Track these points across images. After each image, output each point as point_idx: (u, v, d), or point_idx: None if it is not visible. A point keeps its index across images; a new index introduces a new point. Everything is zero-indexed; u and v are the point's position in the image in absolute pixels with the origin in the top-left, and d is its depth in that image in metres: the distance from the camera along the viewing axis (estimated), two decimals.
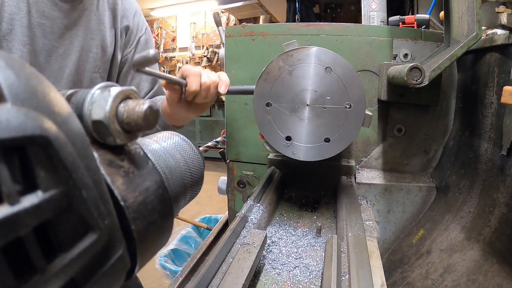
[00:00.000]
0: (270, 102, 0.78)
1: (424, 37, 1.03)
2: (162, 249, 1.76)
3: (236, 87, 0.88)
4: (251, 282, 0.60)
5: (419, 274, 0.91)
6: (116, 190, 0.24)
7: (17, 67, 0.19)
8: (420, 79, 0.81)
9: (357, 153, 1.11)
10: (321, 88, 0.76)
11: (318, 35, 1.05)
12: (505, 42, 0.83)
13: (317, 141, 0.78)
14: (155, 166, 0.30)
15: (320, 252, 0.71)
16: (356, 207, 0.81)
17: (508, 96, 0.67)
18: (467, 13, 0.80)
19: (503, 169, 0.80)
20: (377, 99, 1.06)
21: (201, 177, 0.37)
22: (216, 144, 0.82)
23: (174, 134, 0.36)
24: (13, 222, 0.16)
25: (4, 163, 0.16)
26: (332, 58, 0.75)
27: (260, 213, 0.81)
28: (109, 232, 0.22)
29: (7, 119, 0.16)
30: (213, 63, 5.57)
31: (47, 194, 0.18)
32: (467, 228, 0.88)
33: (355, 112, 0.76)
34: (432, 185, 1.05)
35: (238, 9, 4.05)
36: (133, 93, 0.27)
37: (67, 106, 0.22)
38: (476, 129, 0.95)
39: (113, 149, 0.26)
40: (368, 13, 1.36)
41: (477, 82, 0.96)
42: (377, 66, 1.04)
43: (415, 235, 1.03)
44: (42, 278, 0.17)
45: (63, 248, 0.19)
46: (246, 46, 1.10)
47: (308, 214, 0.89)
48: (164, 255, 2.13)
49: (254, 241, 0.64)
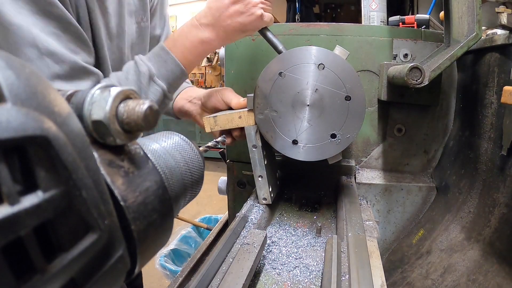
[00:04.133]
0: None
1: (424, 37, 1.03)
2: (162, 249, 1.76)
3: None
4: (251, 282, 0.61)
5: (419, 274, 0.91)
6: (116, 190, 0.24)
7: (17, 67, 0.19)
8: (420, 79, 0.81)
9: (357, 153, 1.11)
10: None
11: (318, 35, 1.05)
12: (505, 42, 0.83)
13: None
14: (155, 166, 0.30)
15: (320, 252, 0.71)
16: (356, 207, 0.81)
17: (508, 96, 0.67)
18: (467, 13, 0.80)
19: (503, 169, 0.80)
20: (377, 99, 1.06)
21: (201, 177, 0.37)
22: (216, 144, 0.82)
23: (174, 134, 0.36)
24: (13, 222, 0.16)
25: (4, 163, 0.16)
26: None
27: (260, 213, 0.81)
28: (109, 232, 0.22)
29: (7, 119, 0.16)
30: (213, 63, 5.57)
31: (47, 194, 0.18)
32: (467, 228, 0.88)
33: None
34: (432, 185, 1.05)
35: None
36: (133, 93, 0.27)
37: (67, 106, 0.22)
38: (476, 129, 0.95)
39: (113, 149, 0.26)
40: (368, 13, 1.36)
41: (477, 82, 0.96)
42: (377, 66, 1.04)
43: (415, 235, 1.03)
44: (42, 278, 0.17)
45: (63, 248, 0.19)
46: (246, 46, 1.10)
47: (308, 214, 0.89)
48: (164, 255, 2.13)
49: (254, 241, 0.64)
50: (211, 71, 5.76)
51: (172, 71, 0.77)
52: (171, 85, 0.79)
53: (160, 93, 0.77)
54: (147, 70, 0.75)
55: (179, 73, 0.78)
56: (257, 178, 0.82)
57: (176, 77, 0.79)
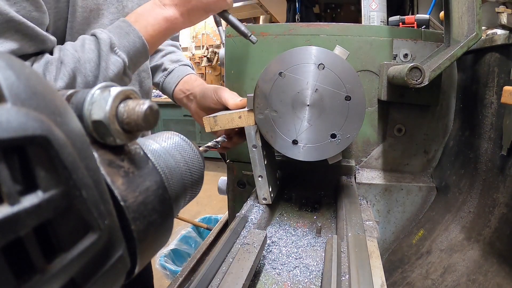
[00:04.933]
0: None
1: (424, 37, 1.03)
2: (162, 249, 1.77)
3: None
4: (251, 282, 0.61)
5: (419, 274, 0.91)
6: (116, 190, 0.24)
7: (17, 67, 0.19)
8: (420, 79, 0.81)
9: (357, 153, 1.11)
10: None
11: (318, 35, 1.05)
12: (505, 42, 0.83)
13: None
14: (155, 166, 0.30)
15: (320, 252, 0.71)
16: (356, 207, 0.81)
17: (508, 96, 0.67)
18: (467, 13, 0.80)
19: (503, 169, 0.80)
20: (377, 99, 1.06)
21: (201, 177, 0.37)
22: (216, 144, 0.82)
23: (174, 134, 0.36)
24: (13, 222, 0.16)
25: (4, 163, 0.16)
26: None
27: (260, 213, 0.81)
28: (109, 232, 0.22)
29: (7, 119, 0.16)
30: (213, 63, 5.57)
31: (47, 194, 0.18)
32: (467, 228, 0.89)
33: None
34: (432, 185, 1.05)
35: (238, 9, 4.06)
36: (133, 93, 0.27)
37: (67, 106, 0.22)
38: (476, 129, 0.95)
39: (113, 149, 0.26)
40: (368, 13, 1.36)
41: (477, 82, 0.96)
42: (377, 66, 1.04)
43: (415, 235, 1.03)
44: (42, 278, 0.17)
45: (63, 248, 0.19)
46: (246, 46, 1.10)
47: (308, 214, 0.89)
48: (164, 255, 2.13)
49: (254, 241, 0.64)
50: (211, 71, 5.76)
51: (133, 44, 0.71)
52: (132, 60, 0.73)
53: (121, 66, 0.70)
54: (108, 38, 0.68)
55: (141, 47, 0.73)
56: (257, 178, 0.82)
57: (138, 51, 0.73)
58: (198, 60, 5.76)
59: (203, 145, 0.68)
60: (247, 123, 0.80)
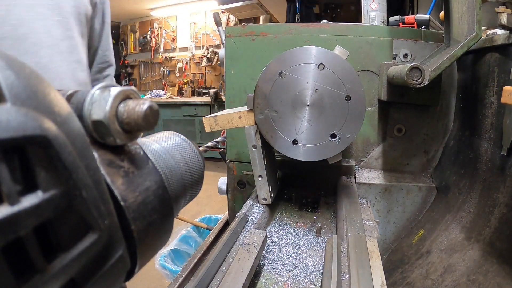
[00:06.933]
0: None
1: (424, 37, 1.03)
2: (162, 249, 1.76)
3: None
4: (251, 282, 0.60)
5: (419, 274, 0.91)
6: (116, 190, 0.24)
7: (17, 67, 0.19)
8: (420, 79, 0.81)
9: (357, 153, 1.11)
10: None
11: (318, 35, 1.05)
12: (505, 42, 0.83)
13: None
14: (155, 166, 0.30)
15: (320, 252, 0.71)
16: (356, 207, 0.81)
17: (508, 96, 0.67)
18: (467, 13, 0.80)
19: (503, 169, 0.80)
20: (377, 99, 1.06)
21: (201, 177, 0.37)
22: (216, 144, 0.82)
23: (174, 134, 0.36)
24: (13, 222, 0.16)
25: (4, 163, 0.16)
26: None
27: (260, 213, 0.81)
28: (109, 232, 0.22)
29: (7, 119, 0.16)
30: (213, 63, 5.57)
31: (47, 194, 0.18)
32: (467, 228, 0.88)
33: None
34: (432, 185, 1.05)
35: (238, 9, 4.06)
36: (133, 93, 0.27)
37: (67, 106, 0.22)
38: (476, 129, 0.95)
39: (113, 149, 0.26)
40: (368, 13, 1.36)
41: (477, 82, 0.96)
42: (377, 66, 1.04)
43: (415, 235, 1.03)
44: (42, 278, 0.17)
45: (63, 248, 0.19)
46: (246, 46, 1.10)
47: (308, 214, 0.89)
48: (164, 255, 2.13)
49: (254, 241, 0.64)
50: (211, 71, 5.76)
51: None
52: None
53: None
54: None
55: None
56: (257, 178, 0.82)
57: None
58: (198, 60, 5.76)
59: (203, 145, 0.68)
60: (247, 123, 0.80)
